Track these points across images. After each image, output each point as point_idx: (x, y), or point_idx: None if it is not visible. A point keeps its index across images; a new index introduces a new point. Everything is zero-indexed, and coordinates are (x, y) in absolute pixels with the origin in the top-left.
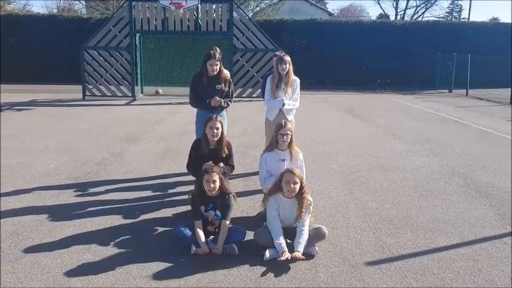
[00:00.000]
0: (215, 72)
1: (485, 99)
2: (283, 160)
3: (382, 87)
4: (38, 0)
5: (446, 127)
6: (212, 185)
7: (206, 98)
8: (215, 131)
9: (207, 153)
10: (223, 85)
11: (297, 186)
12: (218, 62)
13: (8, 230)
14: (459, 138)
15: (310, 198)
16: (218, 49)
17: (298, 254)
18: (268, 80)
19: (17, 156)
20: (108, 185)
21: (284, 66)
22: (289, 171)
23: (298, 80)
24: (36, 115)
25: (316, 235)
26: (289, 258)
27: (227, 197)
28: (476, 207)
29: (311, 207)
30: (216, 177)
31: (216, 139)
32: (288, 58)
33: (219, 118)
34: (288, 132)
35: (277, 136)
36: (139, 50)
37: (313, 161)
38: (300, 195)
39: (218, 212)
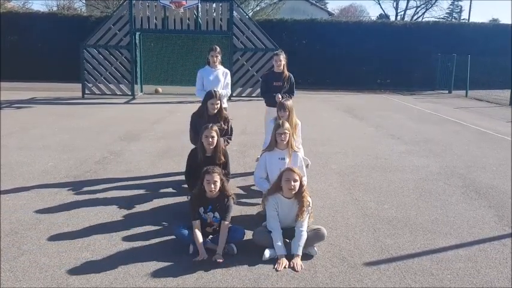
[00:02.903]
0: (215, 111)
1: (484, 100)
2: (283, 159)
3: (381, 87)
4: None
5: (446, 128)
6: (213, 186)
7: None
8: (210, 139)
9: (203, 160)
10: (222, 123)
11: (297, 184)
12: (219, 101)
13: (7, 228)
14: (458, 139)
15: (309, 199)
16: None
17: (298, 260)
18: (271, 124)
19: (16, 154)
20: (107, 183)
21: (285, 113)
22: (289, 169)
23: (300, 124)
24: (35, 113)
25: (316, 236)
26: (286, 266)
27: (226, 199)
28: (475, 208)
29: (310, 208)
30: (217, 178)
31: (211, 147)
32: (289, 103)
33: (214, 127)
34: (286, 131)
35: (275, 135)
36: (139, 48)
37: (313, 161)
38: (299, 195)
39: (217, 214)
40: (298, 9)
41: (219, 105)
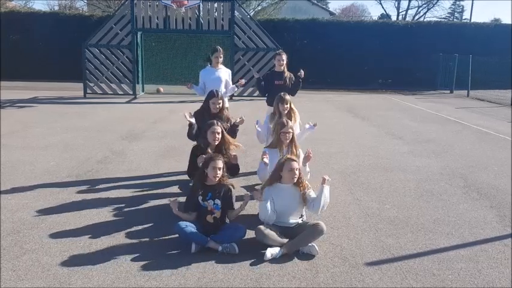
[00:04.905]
0: (217, 110)
1: (486, 100)
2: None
3: (383, 87)
4: None
5: (447, 128)
6: (219, 172)
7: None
8: (217, 135)
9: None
10: (226, 123)
11: (298, 172)
12: (221, 101)
13: (9, 227)
14: (460, 139)
15: (306, 182)
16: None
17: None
18: (267, 119)
19: (17, 154)
20: (109, 183)
21: (286, 106)
22: (289, 159)
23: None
24: (37, 112)
25: (315, 231)
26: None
27: (226, 186)
28: (477, 208)
29: (310, 189)
30: (221, 165)
31: (217, 143)
32: (288, 97)
33: (219, 123)
34: (290, 130)
35: (280, 134)
36: (140, 48)
37: (314, 160)
38: (298, 181)
39: (218, 202)
40: (300, 9)
41: (220, 105)
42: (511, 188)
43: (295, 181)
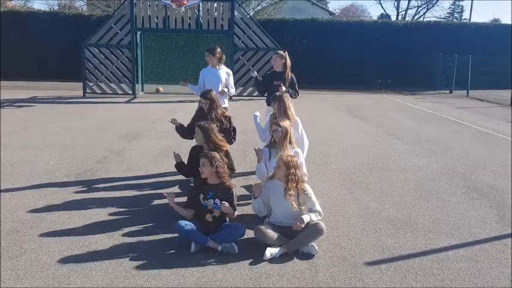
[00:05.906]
0: (210, 111)
1: (485, 100)
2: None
3: (382, 87)
4: None
5: (447, 128)
6: (203, 170)
7: None
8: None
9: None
10: (223, 121)
11: (281, 171)
12: (208, 101)
13: (8, 226)
14: (459, 139)
15: (305, 186)
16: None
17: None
18: (268, 117)
19: (17, 153)
20: (108, 182)
21: (274, 104)
22: (279, 157)
23: (299, 121)
24: (36, 112)
25: (314, 230)
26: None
27: (228, 187)
28: (476, 208)
29: (306, 194)
30: (206, 163)
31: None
32: (284, 95)
33: (213, 126)
34: (278, 128)
35: (271, 132)
36: (140, 47)
37: (314, 160)
38: (295, 184)
39: (218, 201)
40: (299, 9)
41: (208, 104)
42: (510, 188)
43: (277, 177)
